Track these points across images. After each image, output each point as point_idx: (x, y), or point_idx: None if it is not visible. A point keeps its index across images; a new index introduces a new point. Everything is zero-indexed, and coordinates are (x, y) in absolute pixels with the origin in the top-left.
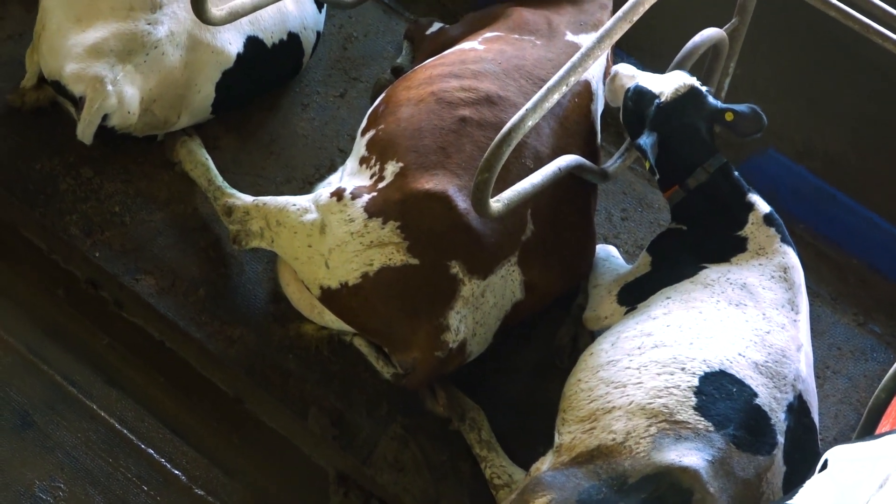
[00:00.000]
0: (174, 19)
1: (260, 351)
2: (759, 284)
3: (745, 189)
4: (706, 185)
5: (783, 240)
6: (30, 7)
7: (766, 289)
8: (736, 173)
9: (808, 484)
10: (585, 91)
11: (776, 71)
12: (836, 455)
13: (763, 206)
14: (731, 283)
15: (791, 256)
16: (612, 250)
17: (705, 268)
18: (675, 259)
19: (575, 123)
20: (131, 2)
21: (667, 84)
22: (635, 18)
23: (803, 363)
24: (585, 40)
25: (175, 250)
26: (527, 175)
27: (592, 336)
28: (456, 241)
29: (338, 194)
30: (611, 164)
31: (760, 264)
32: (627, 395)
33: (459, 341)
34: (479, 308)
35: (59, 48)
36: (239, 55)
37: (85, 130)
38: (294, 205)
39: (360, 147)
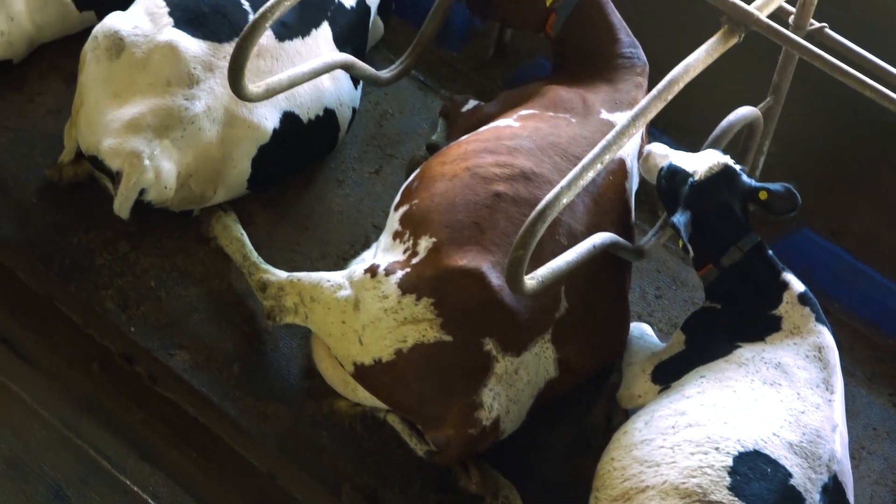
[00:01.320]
0: (211, 94)
1: (293, 427)
2: (793, 364)
3: (779, 268)
4: (740, 263)
5: (818, 319)
6: (69, 82)
7: (800, 368)
8: (770, 252)
9: None
10: (620, 169)
11: (810, 150)
12: None
13: (797, 286)
14: (765, 363)
15: (826, 336)
16: (647, 328)
17: (740, 347)
18: (709, 338)
19: (609, 201)
20: (168, 77)
21: (700, 162)
22: (670, 97)
23: (838, 443)
24: (620, 118)
25: (210, 325)
26: (561, 252)
27: (626, 414)
28: (490, 318)
29: (371, 270)
30: (645, 241)
31: (795, 343)
32: (661, 475)
33: (493, 419)
34: (512, 385)
35: (97, 123)
36: (275, 130)
37: (122, 205)
38: (328, 281)
39: (393, 222)
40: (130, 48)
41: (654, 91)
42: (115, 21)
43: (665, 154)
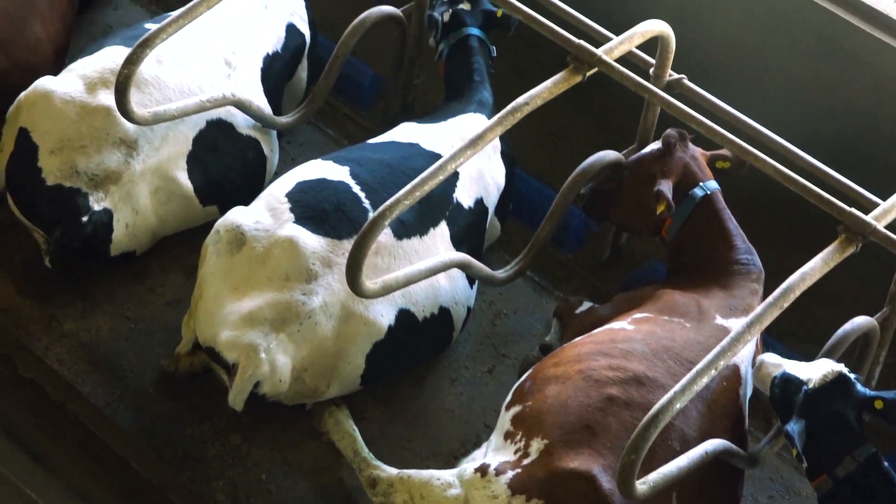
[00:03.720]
0: (328, 290)
1: None
2: None
3: (895, 480)
4: (855, 475)
5: None
6: (189, 275)
7: None
8: (886, 464)
9: None
10: (734, 375)
11: None
12: None
13: None
14: None
15: None
16: None
17: None
18: None
19: (722, 407)
20: (287, 272)
21: (815, 371)
22: (786, 305)
23: None
24: (735, 324)
25: None
26: (673, 457)
27: None
28: None
29: (482, 470)
30: (758, 449)
31: None
32: None
33: None
34: None
35: (216, 315)
36: (390, 327)
37: (236, 397)
38: (438, 479)
39: (504, 422)
40: (251, 242)
41: (771, 298)
42: (237, 215)
43: (778, 364)
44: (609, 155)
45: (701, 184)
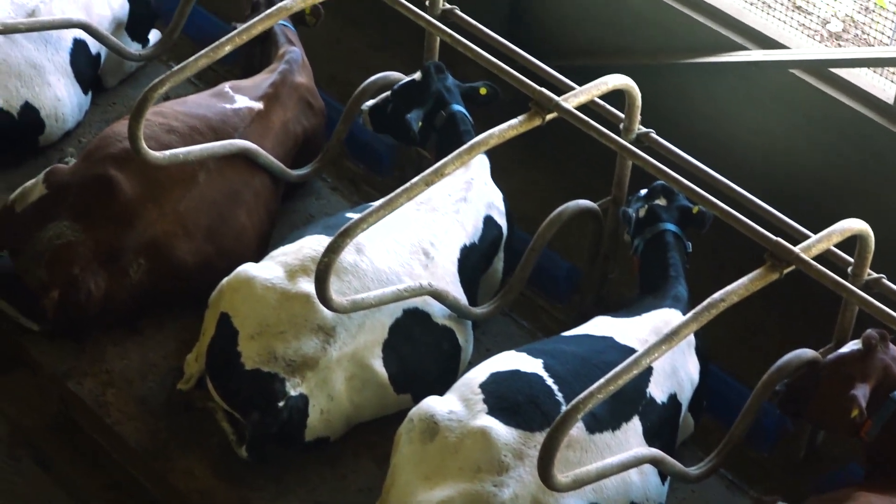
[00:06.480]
0: (520, 482)
1: None
2: None
3: None
4: None
5: None
6: (380, 462)
7: None
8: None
9: None
10: None
11: None
12: None
13: None
14: None
15: None
16: None
17: None
18: None
19: None
20: (479, 463)
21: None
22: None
23: None
24: None
25: None
26: None
27: None
28: None
29: None
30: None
31: None
32: None
33: None
34: None
35: None
36: None
37: None
38: None
39: None
40: (444, 432)
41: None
42: (431, 405)
43: None
44: (805, 353)
45: None
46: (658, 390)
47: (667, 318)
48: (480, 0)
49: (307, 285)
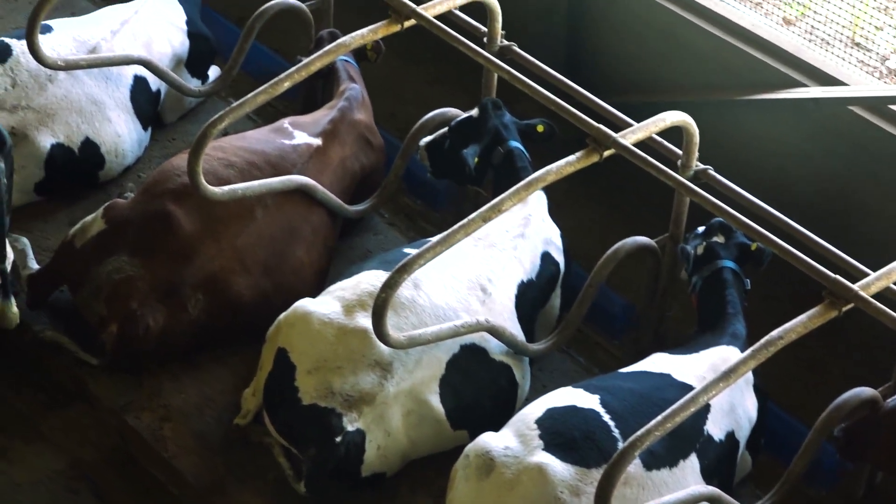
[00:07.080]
0: None
1: None
2: None
3: None
4: None
5: None
6: (437, 498)
7: None
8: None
9: None
10: None
11: None
12: None
13: None
14: None
15: None
16: None
17: None
18: None
19: None
20: (535, 500)
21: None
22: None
23: None
24: None
25: None
26: None
27: None
28: None
29: None
30: None
31: None
32: None
33: None
34: None
35: None
36: None
37: None
38: None
39: None
40: (500, 468)
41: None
42: (487, 441)
43: None
44: (864, 392)
45: None
46: (716, 428)
47: (725, 355)
48: (538, 37)
49: (364, 320)
